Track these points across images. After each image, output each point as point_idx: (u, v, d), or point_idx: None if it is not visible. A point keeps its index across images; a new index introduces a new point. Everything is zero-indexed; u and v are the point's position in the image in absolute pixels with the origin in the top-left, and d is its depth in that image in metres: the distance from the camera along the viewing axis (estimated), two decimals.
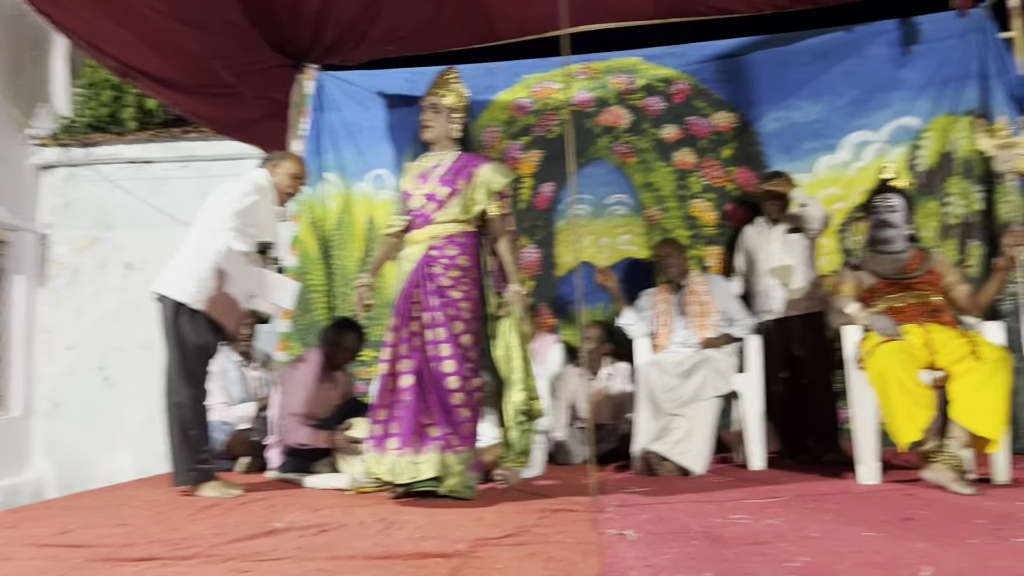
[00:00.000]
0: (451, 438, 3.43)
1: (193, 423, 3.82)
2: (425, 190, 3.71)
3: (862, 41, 5.68)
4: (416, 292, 3.59)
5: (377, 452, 3.47)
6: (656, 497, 3.51)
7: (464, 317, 3.58)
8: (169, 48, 5.17)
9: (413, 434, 3.41)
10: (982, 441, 3.49)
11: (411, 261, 3.66)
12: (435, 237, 3.65)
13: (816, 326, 4.98)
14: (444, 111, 3.76)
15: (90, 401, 7.62)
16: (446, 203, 3.67)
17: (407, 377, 3.49)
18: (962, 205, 5.37)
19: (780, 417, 5.13)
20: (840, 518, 2.80)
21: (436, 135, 3.78)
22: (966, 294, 4.00)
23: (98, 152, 7.84)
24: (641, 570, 2.06)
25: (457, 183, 3.68)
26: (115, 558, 2.43)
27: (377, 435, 3.49)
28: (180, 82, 5.52)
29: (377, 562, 2.26)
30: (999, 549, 2.20)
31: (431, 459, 3.37)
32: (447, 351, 3.51)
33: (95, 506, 3.64)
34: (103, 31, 4.95)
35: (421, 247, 3.66)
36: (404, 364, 3.52)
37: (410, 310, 3.58)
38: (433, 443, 3.40)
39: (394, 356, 3.56)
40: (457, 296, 3.59)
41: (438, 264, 3.61)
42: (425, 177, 3.74)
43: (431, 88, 3.80)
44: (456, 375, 3.50)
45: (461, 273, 3.62)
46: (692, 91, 5.95)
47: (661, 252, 5.22)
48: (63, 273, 7.80)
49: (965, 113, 5.42)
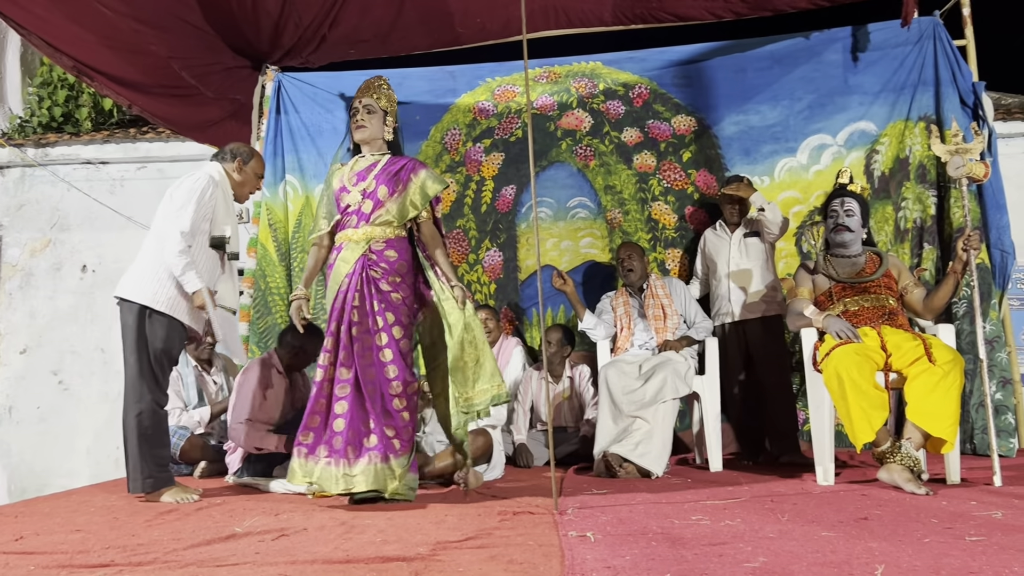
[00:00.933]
0: (392, 442, 3.43)
1: (153, 428, 3.75)
2: (362, 187, 3.69)
3: (819, 47, 5.76)
4: (356, 295, 3.54)
5: (306, 459, 3.44)
6: (616, 498, 3.52)
7: (403, 321, 3.57)
8: (128, 48, 5.10)
9: (349, 444, 3.39)
10: (936, 442, 3.55)
11: (348, 263, 3.60)
12: (373, 239, 3.62)
13: (774, 329, 5.04)
14: (379, 112, 3.78)
15: (44, 406, 7.49)
16: (385, 203, 3.65)
17: (345, 385, 3.47)
18: (917, 209, 5.47)
19: (738, 419, 5.20)
20: (797, 518, 2.83)
21: (370, 135, 3.77)
22: (920, 297, 4.07)
23: (53, 152, 7.73)
24: (601, 572, 2.07)
25: (395, 184, 3.67)
26: (70, 565, 2.39)
27: (308, 443, 3.45)
28: (139, 82, 5.45)
29: (338, 566, 2.25)
30: (952, 547, 2.24)
31: (366, 471, 3.36)
32: (389, 355, 3.49)
33: (49, 512, 3.58)
34: (60, 30, 4.88)
35: (358, 248, 3.61)
36: (343, 372, 3.49)
37: (351, 314, 3.52)
38: (369, 454, 3.39)
39: (332, 362, 3.51)
40: (397, 300, 3.57)
41: (378, 267, 3.58)
42: (361, 175, 3.73)
43: (362, 92, 3.80)
44: (398, 380, 3.48)
45: (400, 278, 3.61)
46: (652, 95, 5.99)
47: (621, 255, 5.26)
48: (16, 275, 7.66)
49: (919, 119, 5.53)
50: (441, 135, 6.15)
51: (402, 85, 6.18)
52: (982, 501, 3.13)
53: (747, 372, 5.15)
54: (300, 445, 3.45)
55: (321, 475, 3.39)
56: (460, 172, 6.11)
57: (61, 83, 7.95)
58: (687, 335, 4.97)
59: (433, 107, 6.19)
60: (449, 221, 6.06)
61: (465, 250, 6.05)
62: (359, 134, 3.76)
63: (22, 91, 8.07)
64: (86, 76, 5.34)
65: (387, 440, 3.42)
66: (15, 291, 7.61)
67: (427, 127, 6.17)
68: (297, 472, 3.44)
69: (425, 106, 6.17)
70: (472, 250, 6.05)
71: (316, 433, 3.46)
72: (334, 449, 3.40)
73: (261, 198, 6.07)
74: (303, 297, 3.72)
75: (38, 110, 7.91)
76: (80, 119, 7.90)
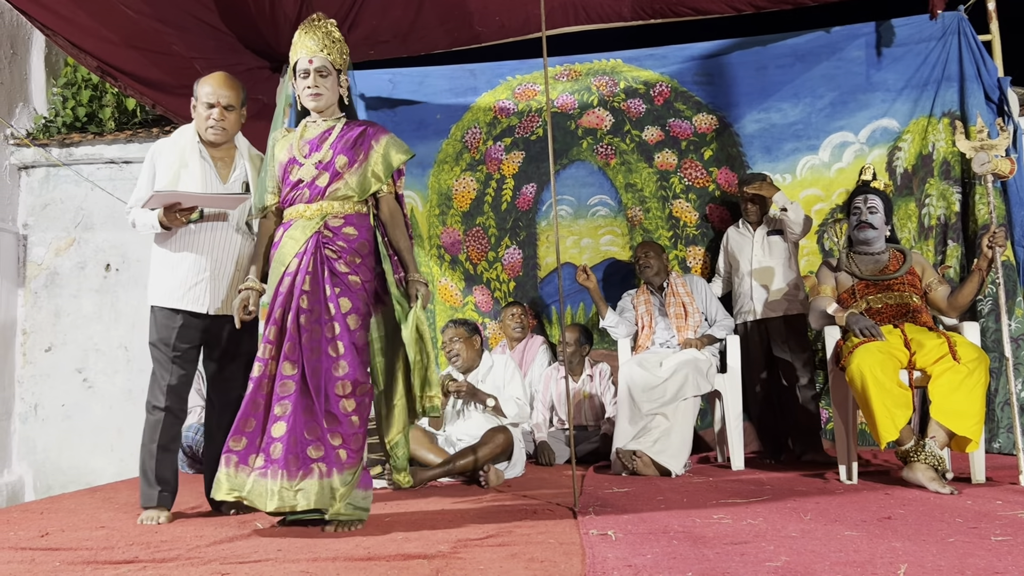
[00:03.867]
0: (338, 452, 2.91)
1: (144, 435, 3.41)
2: (316, 159, 3.15)
3: (841, 43, 5.72)
4: (307, 278, 3.01)
5: (236, 469, 2.87)
6: (637, 497, 3.51)
7: (361, 310, 3.07)
8: (151, 48, 5.13)
9: (291, 454, 2.84)
10: (961, 441, 3.52)
11: (297, 242, 3.06)
12: (329, 215, 3.10)
13: (796, 327, 5.01)
14: (333, 74, 3.20)
15: (69, 403, 7.56)
16: (344, 175, 3.13)
17: (289, 383, 2.93)
18: (940, 206, 5.42)
19: (761, 417, 5.17)
20: (820, 517, 2.81)
21: (326, 103, 3.21)
22: (944, 295, 4.03)
23: (77, 152, 7.79)
24: (622, 570, 2.07)
25: (356, 153, 3.15)
26: (95, 561, 2.42)
27: (238, 449, 2.89)
28: (163, 82, 5.48)
29: (359, 564, 2.26)
30: (977, 547, 2.22)
31: (310, 487, 2.83)
32: (341, 349, 2.97)
33: (74, 509, 3.61)
34: (84, 30, 4.92)
35: (311, 224, 3.08)
36: (287, 367, 2.94)
37: (300, 299, 2.99)
38: (315, 465, 2.87)
39: (274, 355, 2.98)
40: (355, 283, 3.07)
41: (335, 245, 3.07)
42: (315, 145, 3.18)
43: (307, 42, 3.18)
44: (348, 378, 2.96)
45: (360, 260, 3.10)
46: (673, 93, 5.97)
47: (639, 254, 5.24)
48: (41, 274, 7.73)
49: (943, 115, 5.48)
50: (462, 133, 6.15)
51: (423, 84, 6.20)
52: (1008, 501, 3.10)
53: (769, 370, 5.12)
54: (230, 452, 2.89)
55: (252, 488, 2.83)
56: (481, 170, 6.11)
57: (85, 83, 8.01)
58: (708, 333, 4.96)
59: (454, 106, 6.19)
60: (469, 219, 6.07)
61: (485, 247, 6.05)
62: (315, 103, 3.19)
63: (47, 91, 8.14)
64: (110, 76, 5.38)
65: (332, 450, 2.90)
66: (40, 290, 7.68)
67: (448, 125, 6.17)
68: (223, 484, 2.86)
69: (446, 105, 6.18)
70: (492, 247, 6.05)
71: (250, 439, 2.90)
72: (271, 459, 2.84)
73: None
74: (254, 288, 3.16)
75: (62, 110, 7.97)
76: (104, 119, 7.95)
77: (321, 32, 3.20)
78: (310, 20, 3.24)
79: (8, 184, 7.69)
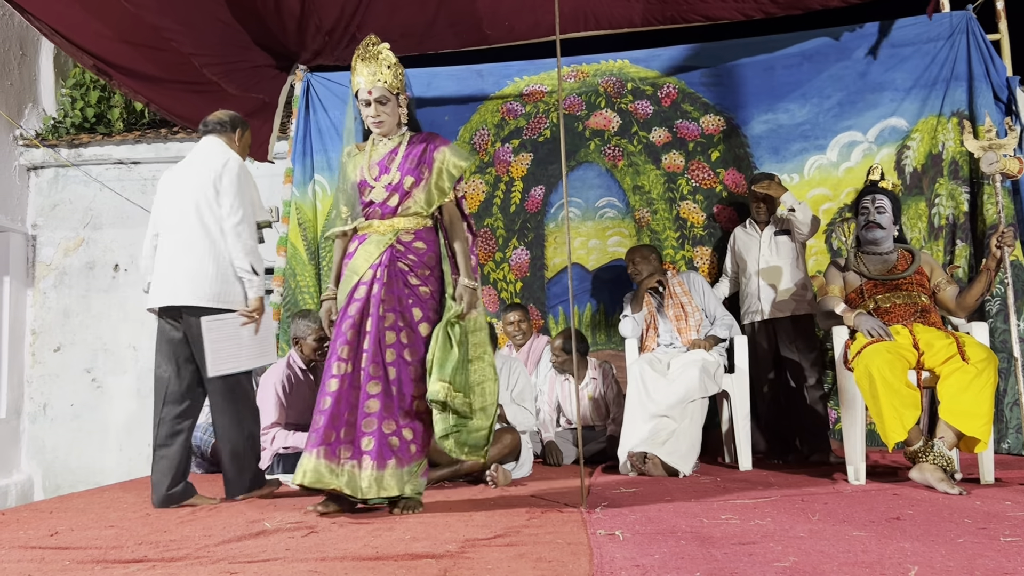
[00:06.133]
0: (410, 446, 3.22)
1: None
2: (386, 181, 3.38)
3: (849, 44, 5.72)
4: (383, 289, 3.27)
5: (329, 461, 3.14)
6: (645, 497, 3.51)
7: (431, 319, 3.33)
8: (147, 43, 5.12)
9: (380, 448, 3.15)
10: (970, 441, 3.51)
11: (372, 256, 3.32)
12: (401, 230, 3.35)
13: (804, 327, 5.00)
14: (392, 99, 3.40)
15: (78, 403, 7.59)
16: (411, 193, 3.37)
17: (373, 384, 3.21)
18: (949, 206, 5.41)
19: (768, 418, 5.16)
20: (828, 518, 2.81)
21: (389, 127, 3.45)
22: (953, 295, 4.02)
23: (86, 153, 7.83)
24: (630, 570, 2.06)
25: (421, 171, 3.38)
26: (104, 560, 2.42)
27: (330, 442, 3.15)
28: (157, 76, 5.46)
29: (367, 563, 2.26)
30: (986, 548, 2.21)
31: (395, 476, 3.15)
32: (416, 355, 3.27)
33: (83, 508, 3.62)
34: (81, 26, 4.91)
35: (383, 239, 3.34)
36: (372, 369, 3.22)
37: (377, 308, 3.25)
38: (395, 457, 3.17)
39: (351, 358, 3.24)
40: (426, 294, 3.33)
41: (407, 260, 3.32)
42: (384, 166, 3.41)
43: (363, 71, 3.35)
44: (422, 381, 3.24)
45: (429, 271, 3.36)
46: (680, 95, 5.97)
47: (626, 262, 5.22)
48: (50, 274, 7.77)
49: (952, 114, 5.47)
50: (470, 136, 6.15)
51: (431, 85, 6.21)
52: (1017, 501, 3.09)
53: (777, 371, 5.11)
54: (319, 445, 3.15)
55: (343, 479, 3.14)
56: (489, 173, 6.11)
57: (93, 84, 8.05)
58: (712, 334, 4.91)
59: (462, 108, 6.20)
60: (478, 220, 6.06)
61: (492, 248, 6.05)
62: (379, 130, 3.45)
63: (55, 92, 8.18)
64: (104, 74, 5.36)
65: (405, 444, 3.21)
66: (49, 290, 7.72)
67: (456, 127, 6.17)
68: (309, 473, 3.13)
69: (454, 107, 6.19)
70: (499, 248, 6.05)
71: (338, 433, 3.19)
72: (361, 451, 3.17)
73: (291, 197, 6.12)
74: (334, 297, 3.43)
75: (71, 111, 8.01)
76: (112, 120, 7.99)
77: (376, 60, 3.37)
78: (364, 46, 3.38)
79: (17, 184, 7.72)
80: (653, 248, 5.30)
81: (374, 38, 3.41)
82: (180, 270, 3.68)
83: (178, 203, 3.75)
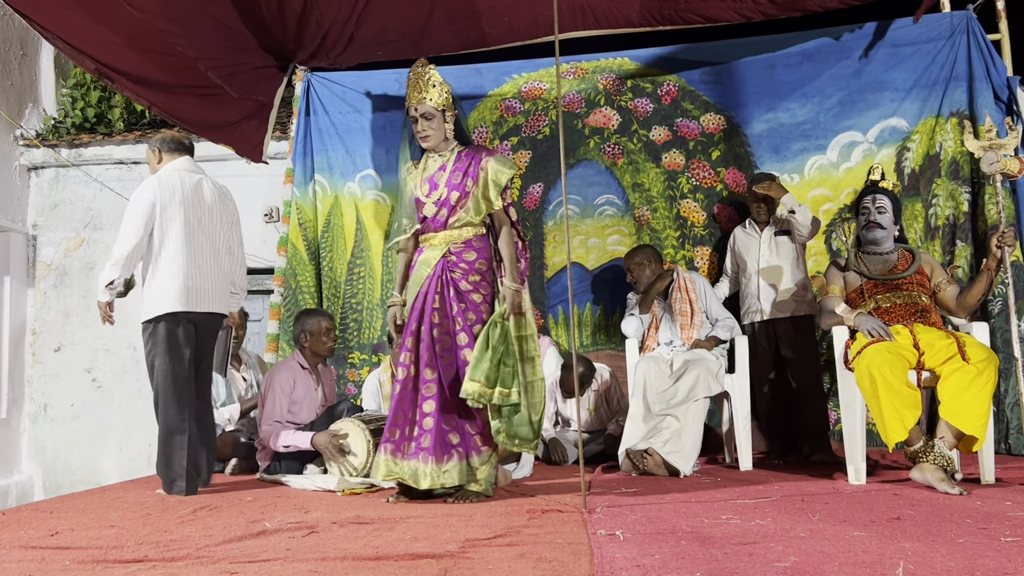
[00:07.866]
0: (475, 439, 3.54)
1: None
2: (436, 197, 3.66)
3: (849, 44, 5.71)
4: (436, 297, 3.58)
5: (392, 456, 3.52)
6: (645, 497, 3.51)
7: (484, 319, 3.59)
8: (153, 49, 5.12)
9: (437, 443, 3.47)
10: (969, 441, 3.51)
11: (428, 266, 3.63)
12: (452, 241, 3.64)
13: (804, 328, 5.00)
14: (437, 115, 3.67)
15: (78, 403, 7.59)
16: (458, 207, 3.64)
17: (431, 385, 3.54)
18: (949, 206, 5.40)
19: (768, 418, 5.16)
20: (829, 518, 2.81)
21: (435, 142, 3.71)
22: (953, 295, 4.02)
23: (86, 153, 7.82)
24: (631, 570, 2.06)
25: (466, 184, 3.64)
26: (104, 560, 2.42)
27: (395, 439, 3.53)
28: (162, 82, 5.45)
29: (368, 563, 2.26)
30: (987, 548, 2.21)
31: (455, 468, 3.48)
32: (470, 356, 3.51)
33: (84, 508, 3.63)
34: (84, 31, 4.90)
35: (438, 251, 3.64)
36: (427, 372, 3.55)
37: (432, 315, 3.57)
38: (455, 451, 3.50)
39: (414, 361, 3.58)
40: (477, 300, 3.61)
41: (458, 269, 3.61)
42: (433, 183, 3.69)
43: (412, 92, 3.67)
44: None
45: (479, 277, 3.63)
46: (680, 93, 5.96)
47: (624, 270, 5.21)
48: (50, 274, 7.77)
49: (952, 114, 5.46)
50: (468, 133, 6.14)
51: None
52: (1017, 501, 3.09)
53: (777, 371, 5.11)
54: (387, 442, 3.54)
55: (415, 472, 3.46)
56: None
57: (94, 84, 8.03)
58: (713, 335, 4.91)
59: (460, 106, 6.17)
60: None
61: None
62: (426, 144, 3.71)
63: (56, 92, 8.17)
64: (107, 78, 5.34)
65: (470, 437, 3.54)
66: (49, 290, 7.71)
67: None
68: (382, 468, 3.53)
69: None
70: None
71: (402, 431, 3.54)
72: (421, 447, 3.48)
73: (291, 197, 6.13)
74: (400, 303, 3.73)
75: (71, 111, 8.00)
76: (113, 120, 7.98)
77: (422, 80, 3.66)
78: (414, 68, 3.69)
79: (18, 184, 7.72)
80: (649, 249, 5.25)
81: (423, 60, 3.71)
82: (219, 281, 4.18)
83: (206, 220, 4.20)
